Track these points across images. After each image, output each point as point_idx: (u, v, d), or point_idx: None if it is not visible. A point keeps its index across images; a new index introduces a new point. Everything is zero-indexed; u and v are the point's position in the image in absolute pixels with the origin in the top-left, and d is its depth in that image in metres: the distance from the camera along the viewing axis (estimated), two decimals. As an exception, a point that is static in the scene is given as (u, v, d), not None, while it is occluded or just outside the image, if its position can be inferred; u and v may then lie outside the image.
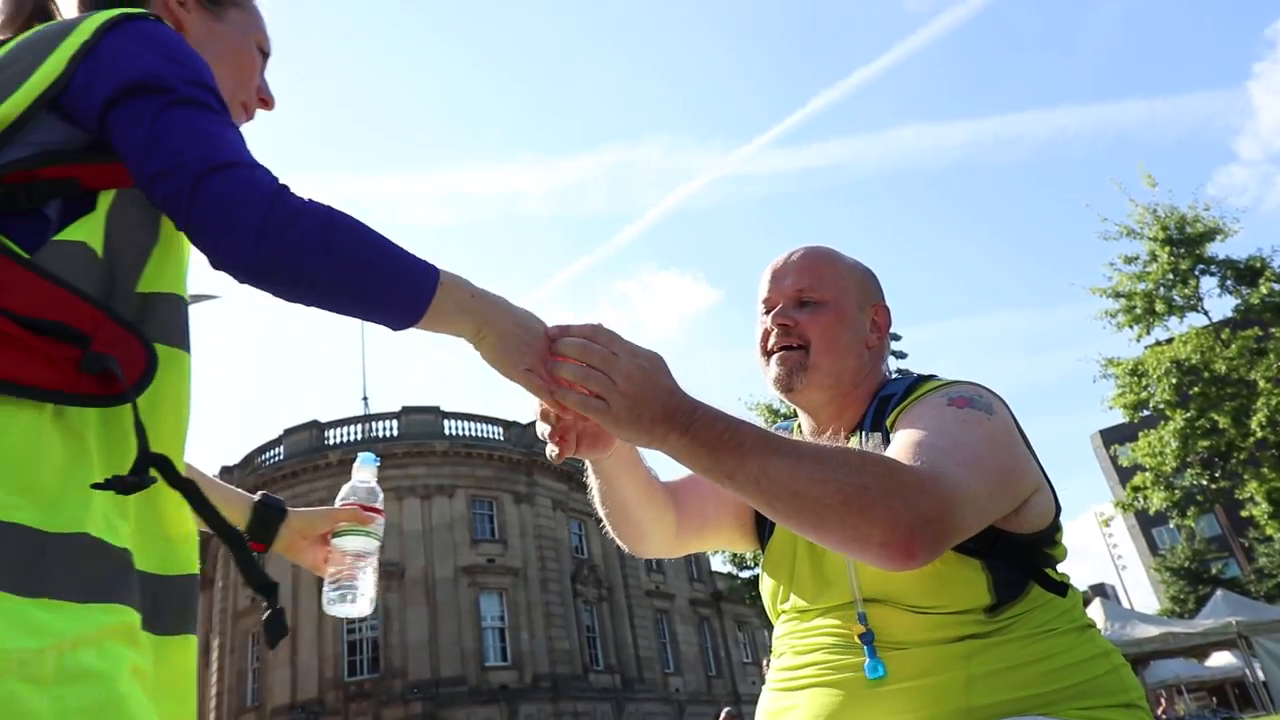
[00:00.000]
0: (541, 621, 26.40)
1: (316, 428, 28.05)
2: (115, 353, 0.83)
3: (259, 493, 1.40)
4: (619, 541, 1.45)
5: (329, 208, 0.88)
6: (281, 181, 0.88)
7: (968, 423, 1.12)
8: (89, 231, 0.88)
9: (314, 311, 0.97)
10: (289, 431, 28.30)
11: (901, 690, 1.11)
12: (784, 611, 1.34)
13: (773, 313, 1.35)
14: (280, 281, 0.87)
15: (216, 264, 0.86)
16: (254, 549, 1.35)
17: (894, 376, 1.39)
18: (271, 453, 28.63)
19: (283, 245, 0.84)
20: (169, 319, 0.93)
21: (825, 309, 1.33)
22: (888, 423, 1.25)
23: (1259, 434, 15.16)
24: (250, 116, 1.17)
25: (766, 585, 1.40)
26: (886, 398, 1.31)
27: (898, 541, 0.93)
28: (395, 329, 0.93)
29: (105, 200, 0.90)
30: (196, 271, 1.02)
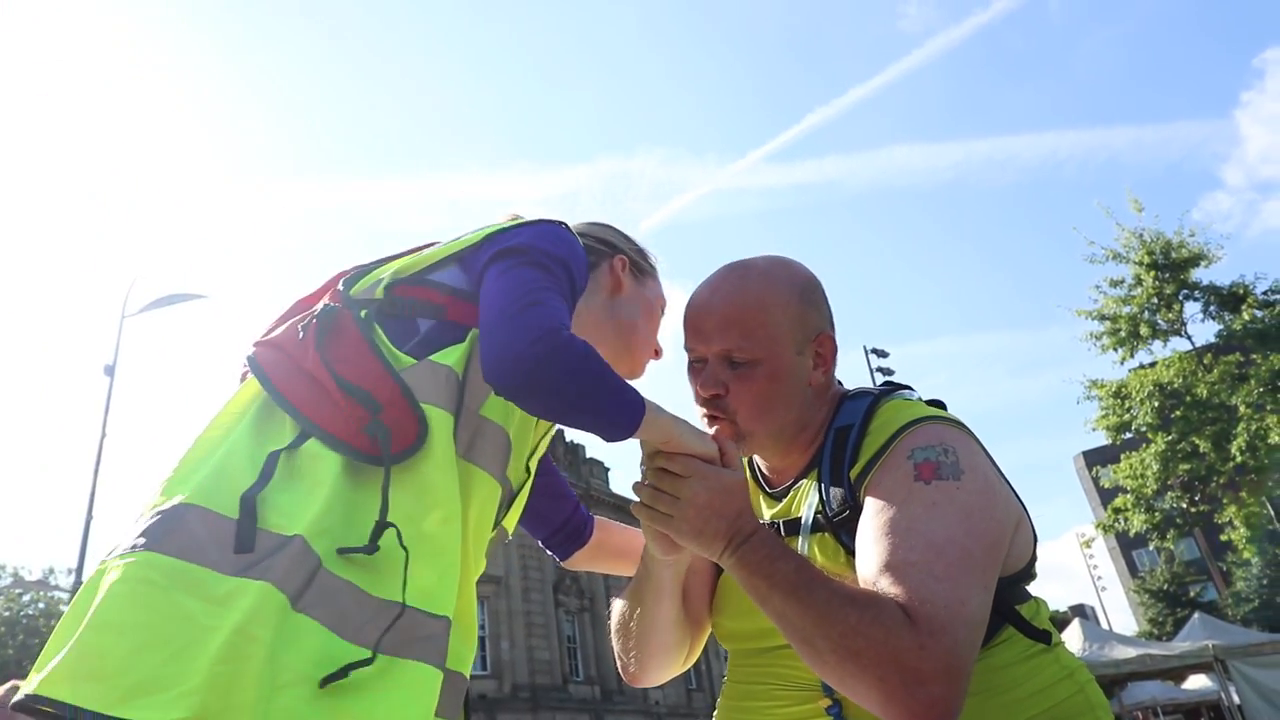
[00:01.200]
0: (522, 631, 26.25)
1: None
2: (394, 426, 0.99)
3: None
4: (640, 673, 1.38)
5: (585, 351, 1.03)
6: (563, 327, 1.05)
7: (938, 505, 1.04)
8: (456, 359, 1.11)
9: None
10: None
11: None
12: (739, 649, 1.30)
13: (700, 381, 1.25)
14: (537, 402, 1.03)
15: (489, 377, 1.02)
16: None
17: (850, 393, 1.29)
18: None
19: (545, 378, 1.00)
20: (493, 445, 1.13)
21: (757, 370, 1.21)
22: (851, 475, 1.17)
23: (1239, 459, 15.32)
24: (648, 360, 1.48)
25: (716, 616, 1.35)
26: (844, 429, 1.21)
27: (899, 715, 0.92)
28: (612, 441, 1.07)
29: (472, 335, 1.14)
30: (189, 273, 1.12)
